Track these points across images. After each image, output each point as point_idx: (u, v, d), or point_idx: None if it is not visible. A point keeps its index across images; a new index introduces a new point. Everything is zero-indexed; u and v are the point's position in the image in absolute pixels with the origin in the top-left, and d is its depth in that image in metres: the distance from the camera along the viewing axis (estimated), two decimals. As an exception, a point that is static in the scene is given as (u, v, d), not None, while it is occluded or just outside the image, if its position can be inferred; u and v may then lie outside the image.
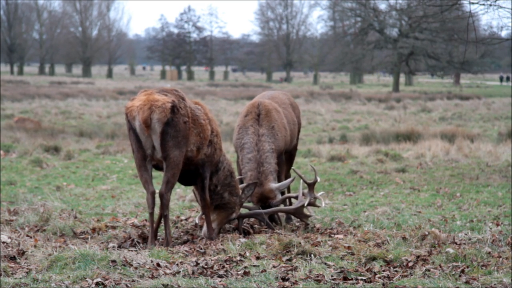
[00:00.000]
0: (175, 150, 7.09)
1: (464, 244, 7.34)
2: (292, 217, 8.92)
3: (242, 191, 8.09)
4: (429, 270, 6.39)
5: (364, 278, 6.21)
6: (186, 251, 7.10)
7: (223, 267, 6.46)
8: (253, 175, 8.41)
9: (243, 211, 8.36)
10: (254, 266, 6.51)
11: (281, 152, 8.82)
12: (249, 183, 8.14)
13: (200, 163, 7.64)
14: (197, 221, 8.25)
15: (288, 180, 8.65)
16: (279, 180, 8.84)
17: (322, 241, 7.36)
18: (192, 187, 8.23)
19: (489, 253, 6.93)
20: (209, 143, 7.62)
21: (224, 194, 7.89)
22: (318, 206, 8.45)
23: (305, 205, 8.26)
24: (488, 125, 29.31)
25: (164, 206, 7.20)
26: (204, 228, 7.85)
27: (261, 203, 8.39)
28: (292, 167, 9.34)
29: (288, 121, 9.12)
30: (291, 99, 9.62)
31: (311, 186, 8.43)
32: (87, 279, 5.81)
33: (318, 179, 8.61)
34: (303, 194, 8.46)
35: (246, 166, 8.49)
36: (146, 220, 8.37)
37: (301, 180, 8.54)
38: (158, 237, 7.95)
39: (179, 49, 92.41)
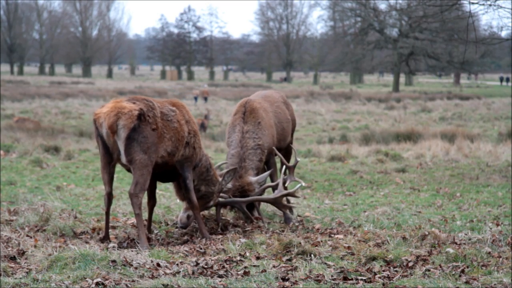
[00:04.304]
0: (141, 154, 7.20)
1: (464, 244, 7.34)
2: (292, 216, 8.93)
3: (222, 178, 8.18)
4: (429, 270, 6.39)
5: (364, 278, 6.21)
6: (186, 251, 7.10)
7: (223, 267, 6.46)
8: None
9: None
10: (254, 266, 6.50)
11: (270, 151, 8.84)
12: (229, 170, 8.22)
13: (179, 164, 7.75)
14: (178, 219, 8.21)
15: (267, 172, 8.71)
16: (272, 181, 8.91)
17: (322, 241, 7.36)
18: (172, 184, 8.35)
19: (489, 253, 6.93)
20: (186, 144, 7.72)
21: (200, 187, 8.06)
22: (297, 197, 8.60)
23: (286, 183, 8.40)
24: (488, 125, 29.32)
25: (135, 205, 7.25)
26: (181, 214, 8.01)
27: (240, 195, 8.43)
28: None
29: (280, 120, 9.18)
30: (284, 97, 9.75)
31: (291, 169, 8.61)
32: (87, 279, 5.81)
33: (299, 160, 8.84)
34: (284, 181, 8.54)
35: (228, 161, 8.64)
36: (145, 220, 8.36)
37: (282, 169, 8.65)
38: (158, 238, 7.97)
39: (179, 49, 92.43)
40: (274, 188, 8.69)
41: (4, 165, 14.68)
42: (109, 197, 7.49)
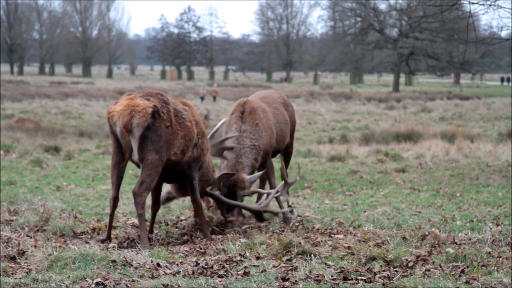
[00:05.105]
0: (153, 153, 7.10)
1: (464, 244, 7.33)
2: (291, 216, 8.93)
3: (218, 179, 8.18)
4: (429, 270, 6.39)
5: (364, 278, 6.20)
6: (186, 251, 7.09)
7: (223, 267, 6.46)
8: (230, 164, 8.51)
9: None
10: (254, 266, 6.50)
11: (267, 152, 8.83)
12: (226, 173, 8.23)
13: (187, 165, 7.68)
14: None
15: (259, 173, 8.67)
16: (271, 185, 8.91)
17: (322, 241, 7.36)
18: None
19: (489, 253, 6.93)
20: (194, 145, 7.65)
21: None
22: (276, 214, 8.50)
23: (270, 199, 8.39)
24: (488, 125, 29.32)
25: (138, 205, 7.14)
26: (162, 192, 8.01)
27: (229, 188, 8.41)
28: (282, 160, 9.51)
29: (278, 121, 9.15)
30: (285, 98, 9.68)
31: (286, 184, 8.66)
32: (87, 279, 5.80)
33: (298, 178, 8.90)
34: (277, 191, 8.54)
35: (224, 155, 8.62)
36: (146, 220, 8.37)
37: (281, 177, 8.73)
38: (158, 238, 7.97)
39: (179, 49, 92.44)
40: (272, 187, 8.71)
41: (4, 165, 14.68)
42: (115, 201, 7.39)
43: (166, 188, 8.14)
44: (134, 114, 6.98)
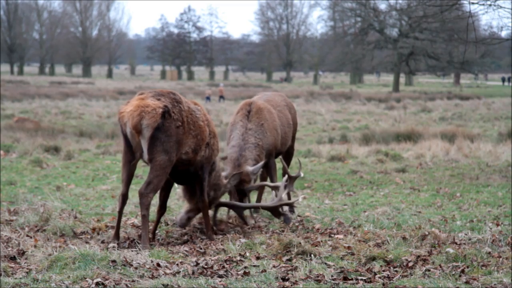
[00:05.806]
0: (163, 154, 7.07)
1: (464, 244, 7.34)
2: (292, 216, 8.93)
3: (227, 181, 8.16)
4: (429, 270, 6.39)
5: (364, 278, 6.21)
6: (186, 251, 7.10)
7: (223, 267, 6.46)
8: (233, 157, 8.52)
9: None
10: (254, 266, 6.50)
11: (271, 152, 8.83)
12: (235, 173, 8.22)
13: (199, 165, 7.66)
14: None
15: (261, 163, 8.64)
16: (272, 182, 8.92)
17: (322, 241, 7.36)
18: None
19: (489, 253, 6.93)
20: (206, 145, 7.64)
21: (210, 193, 8.00)
22: (294, 206, 8.60)
23: (282, 194, 8.37)
24: (488, 125, 29.29)
25: (143, 205, 7.11)
26: (182, 214, 8.01)
27: (236, 186, 8.40)
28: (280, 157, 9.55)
29: (282, 123, 9.16)
30: (287, 100, 9.71)
31: (292, 179, 8.70)
32: (87, 279, 5.81)
33: (302, 175, 8.86)
34: (285, 187, 8.55)
35: (229, 151, 8.65)
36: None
37: (285, 174, 8.75)
38: (158, 238, 7.97)
39: (179, 49, 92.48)
40: (274, 188, 8.71)
41: (4, 165, 14.68)
42: (124, 198, 7.38)
43: (185, 207, 8.12)
44: (143, 115, 6.96)
